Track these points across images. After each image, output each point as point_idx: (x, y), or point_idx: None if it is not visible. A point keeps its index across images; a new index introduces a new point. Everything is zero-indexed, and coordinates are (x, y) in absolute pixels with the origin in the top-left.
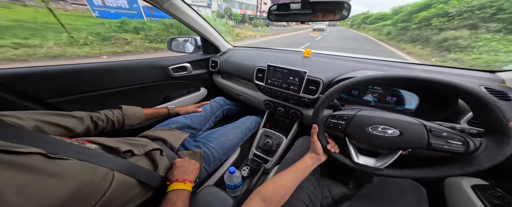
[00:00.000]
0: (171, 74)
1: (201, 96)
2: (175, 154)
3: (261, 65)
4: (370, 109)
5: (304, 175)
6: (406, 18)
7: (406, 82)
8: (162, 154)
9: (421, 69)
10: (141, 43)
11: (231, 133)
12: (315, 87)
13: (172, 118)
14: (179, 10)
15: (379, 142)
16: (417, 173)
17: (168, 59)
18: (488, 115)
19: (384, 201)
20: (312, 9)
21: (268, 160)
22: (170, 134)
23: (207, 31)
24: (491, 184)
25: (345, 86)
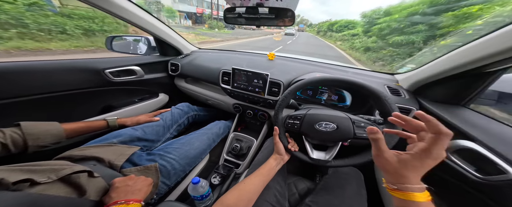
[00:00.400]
0: (109, 79)
1: (161, 103)
2: (119, 173)
3: (226, 69)
4: (319, 107)
5: (270, 176)
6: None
7: (332, 83)
8: (92, 176)
9: (353, 72)
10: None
11: (196, 141)
12: (277, 89)
13: (115, 131)
14: (118, 7)
15: (324, 136)
16: (351, 161)
17: (104, 61)
18: (381, 106)
19: (335, 190)
20: (260, 15)
21: (240, 164)
22: (109, 150)
23: (162, 32)
24: None
25: (296, 88)
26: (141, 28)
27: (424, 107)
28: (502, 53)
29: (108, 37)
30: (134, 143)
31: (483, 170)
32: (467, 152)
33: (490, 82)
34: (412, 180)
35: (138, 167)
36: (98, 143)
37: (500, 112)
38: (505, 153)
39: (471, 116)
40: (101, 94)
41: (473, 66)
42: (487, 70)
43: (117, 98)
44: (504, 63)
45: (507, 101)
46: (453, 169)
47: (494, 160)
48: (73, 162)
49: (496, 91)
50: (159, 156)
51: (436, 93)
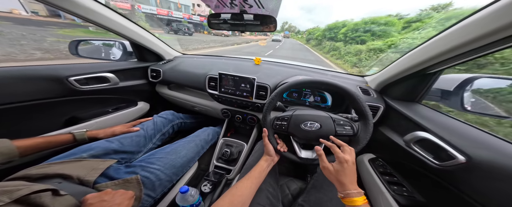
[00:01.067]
0: (75, 88)
1: (140, 112)
2: (92, 189)
3: (212, 74)
4: (304, 108)
5: (261, 178)
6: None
7: (314, 84)
8: (57, 194)
9: (331, 75)
10: None
11: (183, 149)
12: (264, 93)
13: (84, 145)
14: (86, 9)
15: (310, 135)
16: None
17: (68, 68)
18: (355, 105)
19: (324, 187)
20: (245, 21)
21: (231, 170)
22: (77, 166)
23: (140, 37)
24: (376, 157)
25: (282, 90)
26: (116, 33)
27: (388, 104)
28: (433, 58)
29: (72, 41)
30: (109, 156)
31: (439, 157)
32: (425, 141)
33: (433, 82)
34: (349, 186)
35: (116, 181)
36: (62, 159)
37: (444, 106)
38: (452, 140)
39: (424, 110)
40: (64, 105)
41: (418, 68)
42: (428, 71)
43: (84, 109)
44: (438, 66)
45: (447, 97)
46: (417, 158)
47: (445, 147)
48: (31, 182)
49: (439, 89)
50: (141, 167)
51: (397, 92)
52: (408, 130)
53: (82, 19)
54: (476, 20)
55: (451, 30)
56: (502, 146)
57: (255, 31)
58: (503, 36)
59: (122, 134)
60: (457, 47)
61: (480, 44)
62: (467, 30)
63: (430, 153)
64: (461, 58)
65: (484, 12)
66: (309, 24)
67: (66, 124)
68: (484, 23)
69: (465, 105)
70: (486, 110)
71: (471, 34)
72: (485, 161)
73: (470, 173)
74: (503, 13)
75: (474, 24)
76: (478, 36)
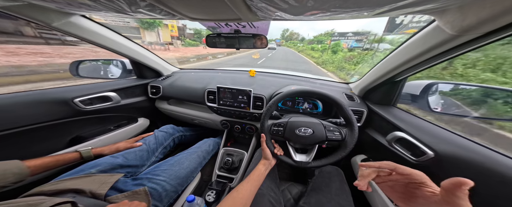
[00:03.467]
0: (80, 108)
1: (141, 128)
2: (103, 201)
3: (211, 88)
4: (298, 115)
5: (260, 181)
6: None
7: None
8: (75, 206)
9: (320, 83)
10: None
11: (186, 160)
12: (260, 103)
13: (91, 162)
14: (88, 31)
15: (304, 140)
16: (327, 160)
17: (74, 90)
18: (342, 112)
19: (322, 189)
20: (237, 38)
21: (233, 178)
22: (88, 181)
23: (139, 55)
24: (367, 157)
25: (277, 100)
26: (116, 52)
27: (370, 108)
28: (395, 68)
29: (74, 62)
30: (116, 171)
31: (415, 154)
32: (402, 140)
33: (401, 87)
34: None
35: (125, 193)
36: (73, 175)
37: (414, 108)
38: (422, 138)
39: (398, 113)
40: (69, 125)
41: (387, 76)
42: (396, 79)
43: (88, 128)
44: (402, 74)
45: (416, 100)
46: (399, 155)
47: (417, 144)
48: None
49: (409, 94)
50: (147, 179)
51: (376, 97)
52: (388, 131)
53: (81, 40)
54: (413, 42)
55: (401, 47)
56: (459, 140)
57: (248, 47)
58: (431, 56)
59: (126, 149)
60: (406, 61)
61: (419, 60)
62: (408, 49)
63: (408, 150)
64: (413, 69)
65: (418, 36)
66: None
67: (71, 143)
68: (416, 46)
69: (431, 106)
70: (449, 110)
71: (412, 52)
72: (448, 155)
73: (439, 166)
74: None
75: (412, 45)
76: (416, 54)
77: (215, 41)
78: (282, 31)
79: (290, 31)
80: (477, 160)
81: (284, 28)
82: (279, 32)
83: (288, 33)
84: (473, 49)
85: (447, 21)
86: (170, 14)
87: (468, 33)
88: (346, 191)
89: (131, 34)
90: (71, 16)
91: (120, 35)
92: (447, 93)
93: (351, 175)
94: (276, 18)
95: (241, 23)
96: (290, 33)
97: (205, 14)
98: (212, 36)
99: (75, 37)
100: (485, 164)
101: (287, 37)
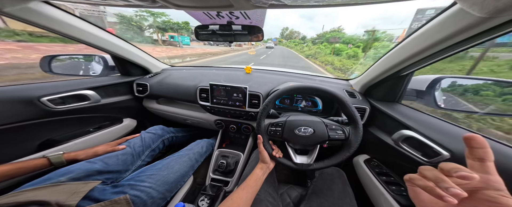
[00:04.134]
0: (49, 108)
1: (126, 129)
2: None
3: (203, 85)
4: (297, 114)
5: (257, 187)
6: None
7: (305, 90)
8: None
9: (319, 80)
10: None
11: (176, 164)
12: (257, 101)
13: (62, 169)
14: (50, 19)
15: (304, 140)
16: (330, 161)
17: (40, 87)
18: (345, 109)
19: (324, 192)
20: (233, 32)
21: (229, 181)
22: (55, 191)
23: (123, 51)
24: (371, 157)
25: (274, 97)
26: (94, 46)
27: (373, 105)
28: (402, 62)
29: (45, 57)
30: (93, 178)
31: (426, 154)
32: (411, 139)
33: (407, 82)
34: None
35: (102, 202)
36: (37, 185)
37: (419, 104)
38: (434, 137)
39: (404, 109)
40: (37, 127)
41: (392, 71)
42: (401, 74)
43: (61, 130)
44: (408, 69)
45: (421, 96)
46: (407, 156)
47: (429, 144)
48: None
49: (414, 89)
50: (130, 186)
51: (379, 93)
52: (394, 129)
53: (54, 33)
54: (427, 30)
55: (410, 38)
56: None
57: (243, 41)
58: (450, 44)
59: (106, 153)
60: (418, 52)
61: (435, 50)
62: (422, 38)
63: (417, 150)
64: (423, 62)
65: (433, 23)
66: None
67: (40, 148)
68: (432, 33)
69: (438, 103)
70: (456, 106)
71: (426, 42)
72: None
73: None
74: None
75: (426, 34)
76: (431, 44)
77: (205, 35)
78: (282, 29)
79: (290, 30)
80: (500, 161)
81: (284, 27)
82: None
83: (288, 31)
84: (503, 33)
85: (474, 3)
86: (149, 0)
87: (503, 14)
88: (350, 193)
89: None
90: (29, 2)
91: (97, 27)
92: (456, 88)
93: (353, 176)
94: (273, 4)
95: (234, 13)
96: (290, 31)
97: (193, 0)
98: (202, 27)
99: (37, 27)
100: (509, 164)
101: (286, 36)
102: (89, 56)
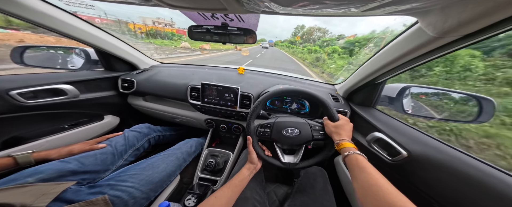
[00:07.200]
0: (19, 103)
1: (107, 127)
2: None
3: (194, 84)
4: (285, 116)
5: (242, 186)
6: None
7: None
8: None
9: (308, 83)
10: None
11: (162, 163)
12: (248, 102)
13: (30, 169)
14: (26, 8)
15: (291, 141)
16: (313, 160)
17: (10, 80)
18: (326, 110)
19: (307, 190)
20: (228, 31)
21: (217, 181)
22: (20, 193)
23: (108, 45)
24: None
25: (264, 99)
26: (78, 40)
27: (353, 109)
28: (376, 71)
29: (17, 47)
30: (65, 179)
31: (391, 154)
32: (380, 141)
33: (381, 89)
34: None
35: (76, 204)
36: (0, 186)
37: (389, 110)
38: (397, 139)
39: (377, 114)
40: (2, 123)
41: (368, 79)
42: (375, 82)
43: (32, 126)
44: (382, 77)
45: (392, 102)
46: (376, 155)
47: (393, 145)
48: None
49: (387, 96)
50: (110, 186)
51: (358, 99)
52: (368, 131)
53: (32, 24)
54: (394, 45)
55: (383, 50)
56: (428, 141)
57: (237, 42)
58: (410, 58)
59: (82, 153)
60: (386, 64)
61: (399, 63)
62: (389, 52)
63: (385, 150)
64: (392, 72)
65: (398, 39)
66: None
67: (5, 146)
68: (396, 48)
69: (405, 109)
70: (419, 112)
71: (392, 55)
72: (420, 154)
73: (412, 165)
74: (413, 38)
75: (392, 48)
76: (396, 57)
77: (199, 33)
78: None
79: (308, 28)
80: (446, 160)
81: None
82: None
83: (305, 30)
84: (452, 51)
85: (429, 23)
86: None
87: (448, 35)
88: (329, 191)
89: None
90: None
91: (79, 19)
92: (418, 96)
93: (334, 175)
94: (265, 11)
95: (229, 15)
96: (308, 29)
97: (187, 1)
98: (196, 27)
99: (12, 16)
100: (451, 163)
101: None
102: (68, 48)
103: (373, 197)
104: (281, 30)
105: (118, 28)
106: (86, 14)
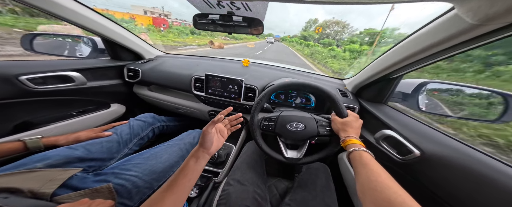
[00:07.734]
0: (29, 88)
1: (114, 115)
2: (48, 202)
3: (198, 75)
4: (290, 110)
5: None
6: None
7: (299, 87)
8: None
9: (315, 78)
10: None
11: (165, 153)
12: (252, 94)
13: (38, 154)
14: (52, 3)
15: (295, 135)
16: (317, 156)
17: (20, 65)
18: (334, 105)
19: (308, 185)
20: (234, 23)
21: (219, 172)
22: (28, 178)
23: (115, 34)
24: None
25: (269, 92)
26: (85, 28)
27: (362, 105)
28: (394, 65)
29: (27, 35)
30: (73, 165)
31: (401, 152)
32: (390, 139)
33: (395, 85)
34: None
35: (82, 191)
36: (10, 170)
37: (403, 106)
38: (409, 137)
39: (389, 111)
40: (13, 108)
41: (383, 73)
42: (391, 77)
43: (41, 112)
44: (399, 72)
45: (406, 99)
46: (384, 153)
47: (405, 143)
48: None
49: (400, 92)
50: (114, 174)
51: (368, 94)
52: (377, 128)
53: (42, 12)
54: (422, 34)
55: (405, 41)
56: (444, 140)
57: (243, 33)
58: (440, 49)
59: (89, 140)
60: (410, 56)
61: (426, 54)
62: (416, 42)
63: (394, 148)
64: (413, 66)
65: (428, 27)
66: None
67: (16, 130)
68: (426, 37)
69: (420, 106)
70: (435, 109)
71: (419, 45)
72: (433, 154)
73: (424, 165)
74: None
75: (420, 38)
76: (424, 47)
77: (204, 24)
78: (306, 23)
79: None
80: (465, 161)
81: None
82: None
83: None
84: (493, 41)
85: (470, 9)
86: None
87: (493, 22)
88: (331, 188)
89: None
90: None
91: (87, 8)
92: (437, 93)
93: (337, 172)
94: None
95: (235, 3)
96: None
97: None
98: (201, 16)
99: (43, 12)
100: (471, 165)
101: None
102: (77, 37)
103: (371, 192)
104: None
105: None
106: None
